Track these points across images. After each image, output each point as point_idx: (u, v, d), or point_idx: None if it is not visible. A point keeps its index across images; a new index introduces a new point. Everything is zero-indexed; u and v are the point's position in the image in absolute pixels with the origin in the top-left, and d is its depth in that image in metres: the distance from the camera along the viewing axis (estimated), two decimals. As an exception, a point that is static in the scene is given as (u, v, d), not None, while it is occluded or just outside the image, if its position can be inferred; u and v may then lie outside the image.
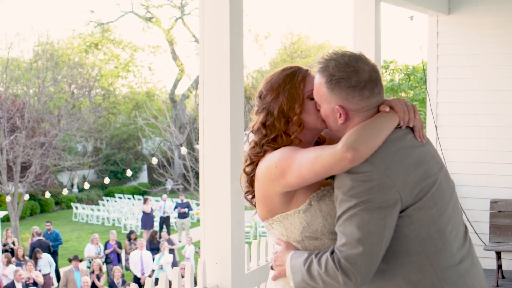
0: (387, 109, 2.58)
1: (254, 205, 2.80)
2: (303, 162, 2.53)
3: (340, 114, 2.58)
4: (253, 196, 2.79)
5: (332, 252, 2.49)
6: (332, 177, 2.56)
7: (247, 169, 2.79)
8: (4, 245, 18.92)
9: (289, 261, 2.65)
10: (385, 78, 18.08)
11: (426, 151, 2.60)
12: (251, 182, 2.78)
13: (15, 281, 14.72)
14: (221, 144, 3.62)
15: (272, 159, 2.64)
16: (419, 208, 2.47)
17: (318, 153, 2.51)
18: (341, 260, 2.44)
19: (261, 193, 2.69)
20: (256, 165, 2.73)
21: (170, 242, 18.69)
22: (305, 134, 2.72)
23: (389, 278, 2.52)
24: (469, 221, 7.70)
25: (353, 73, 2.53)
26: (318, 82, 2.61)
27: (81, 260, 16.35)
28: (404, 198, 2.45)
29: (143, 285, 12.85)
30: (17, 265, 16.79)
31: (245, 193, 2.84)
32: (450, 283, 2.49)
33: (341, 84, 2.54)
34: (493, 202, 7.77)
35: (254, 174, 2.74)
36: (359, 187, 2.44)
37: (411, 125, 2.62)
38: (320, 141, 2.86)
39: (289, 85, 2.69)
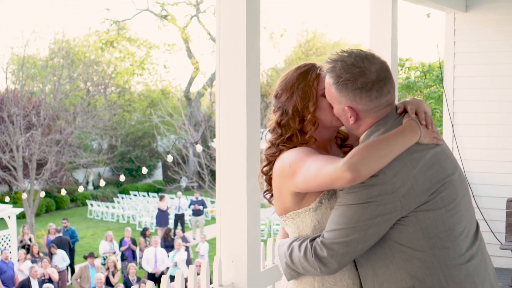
0: (414, 115, 2.54)
1: (273, 204, 2.82)
2: (309, 170, 2.52)
3: (351, 115, 2.56)
4: (272, 195, 2.80)
5: (313, 240, 2.54)
6: None
7: (265, 169, 2.80)
8: (21, 241, 19.04)
9: (277, 248, 2.74)
10: (401, 75, 18.01)
11: (440, 151, 2.57)
12: (269, 181, 2.79)
13: (30, 278, 14.80)
14: (237, 142, 3.61)
15: (286, 158, 2.64)
16: (426, 210, 2.45)
17: (324, 165, 2.48)
18: (318, 246, 2.50)
19: (276, 189, 2.71)
20: (273, 164, 2.74)
21: (184, 239, 18.72)
22: (321, 132, 2.72)
23: (394, 272, 2.51)
24: (485, 220, 7.65)
25: (359, 74, 2.50)
26: (327, 83, 2.60)
27: (96, 257, 16.41)
28: (406, 205, 2.43)
29: (157, 279, 12.90)
30: (32, 261, 16.90)
31: (264, 192, 2.85)
32: (457, 282, 2.48)
33: (348, 85, 2.52)
34: (510, 201, 7.71)
35: (272, 173, 2.75)
36: (362, 189, 2.44)
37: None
38: (342, 137, 2.85)
39: (303, 83, 2.68)
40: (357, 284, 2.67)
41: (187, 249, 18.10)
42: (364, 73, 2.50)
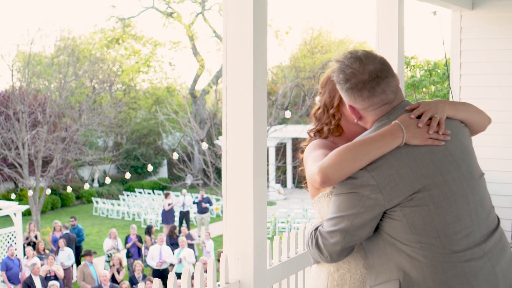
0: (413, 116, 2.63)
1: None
2: (307, 168, 2.76)
3: (353, 113, 2.74)
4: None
5: (317, 228, 2.69)
6: None
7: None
8: (27, 238, 19.10)
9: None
10: (406, 74, 17.98)
11: (439, 150, 2.60)
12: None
13: (32, 275, 14.85)
14: (244, 140, 3.62)
15: (310, 146, 2.90)
16: (412, 206, 2.51)
17: (312, 164, 2.67)
18: (318, 234, 2.65)
19: (306, 175, 2.89)
20: None
21: (189, 237, 18.74)
22: (348, 126, 2.96)
23: (385, 263, 2.59)
24: (491, 218, 7.63)
25: (351, 75, 2.64)
26: None
27: (93, 254, 16.42)
28: (389, 197, 2.51)
29: (163, 276, 12.88)
30: (38, 258, 16.95)
31: (304, 183, 3.04)
32: (442, 278, 2.50)
33: (342, 86, 2.68)
34: (516, 199, 7.70)
35: None
36: (347, 180, 2.55)
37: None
38: None
39: (333, 82, 2.89)
40: None
41: (192, 246, 18.12)
42: (355, 74, 2.63)
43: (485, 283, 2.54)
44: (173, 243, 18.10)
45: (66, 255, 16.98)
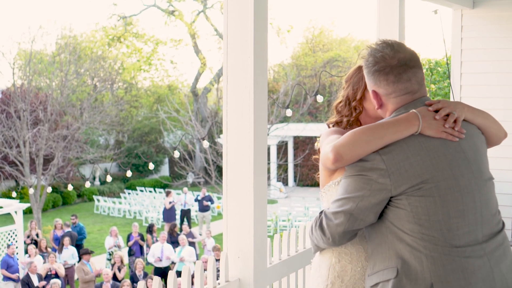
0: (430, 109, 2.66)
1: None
2: (323, 147, 2.80)
3: (375, 100, 2.76)
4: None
5: (322, 211, 2.73)
6: None
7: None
8: (28, 236, 19.11)
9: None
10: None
11: (453, 146, 2.62)
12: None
13: (29, 273, 14.86)
14: (245, 138, 3.62)
15: (325, 132, 2.97)
16: (418, 195, 2.53)
17: (329, 144, 2.70)
18: (323, 215, 2.69)
19: (320, 157, 2.94)
20: None
21: (190, 235, 18.74)
22: (367, 120, 3.02)
23: (385, 251, 2.61)
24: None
25: (381, 58, 2.67)
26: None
27: (92, 252, 16.42)
28: (396, 183, 2.53)
29: (164, 275, 12.87)
30: (41, 256, 16.99)
31: (317, 174, 3.09)
32: (440, 272, 2.51)
33: (370, 69, 2.71)
34: (517, 198, 7.70)
35: None
36: (357, 162, 2.58)
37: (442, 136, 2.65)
38: None
39: (358, 76, 3.03)
40: None
41: (193, 244, 18.12)
42: (385, 58, 2.67)
43: (482, 282, 2.55)
44: (173, 241, 18.10)
45: (70, 253, 16.98)
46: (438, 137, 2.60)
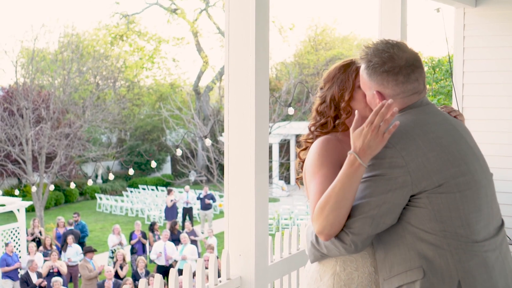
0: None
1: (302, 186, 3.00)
2: (310, 190, 2.73)
3: (379, 100, 2.66)
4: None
5: None
6: None
7: (301, 154, 3.00)
8: (31, 234, 19.12)
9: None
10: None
11: (461, 141, 2.65)
12: (303, 167, 2.94)
13: (29, 271, 14.87)
14: (246, 137, 3.62)
15: (315, 145, 2.83)
16: (440, 192, 2.50)
17: (315, 193, 2.65)
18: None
19: (305, 173, 2.85)
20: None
21: (193, 233, 18.74)
22: (351, 122, 2.84)
23: (404, 252, 2.56)
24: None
25: (388, 59, 2.62)
26: (361, 69, 2.74)
27: (95, 250, 16.43)
28: (417, 180, 2.48)
29: (167, 273, 12.86)
30: (44, 254, 17.00)
31: (296, 179, 3.03)
32: (466, 267, 2.50)
33: (377, 69, 2.63)
34: (519, 197, 7.69)
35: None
36: (373, 160, 2.51)
37: None
38: None
39: (343, 75, 2.91)
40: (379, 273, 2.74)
41: (195, 243, 18.12)
42: (393, 58, 2.62)
43: (499, 275, 2.57)
44: (174, 239, 18.09)
45: (74, 251, 16.98)
46: (447, 135, 2.61)
